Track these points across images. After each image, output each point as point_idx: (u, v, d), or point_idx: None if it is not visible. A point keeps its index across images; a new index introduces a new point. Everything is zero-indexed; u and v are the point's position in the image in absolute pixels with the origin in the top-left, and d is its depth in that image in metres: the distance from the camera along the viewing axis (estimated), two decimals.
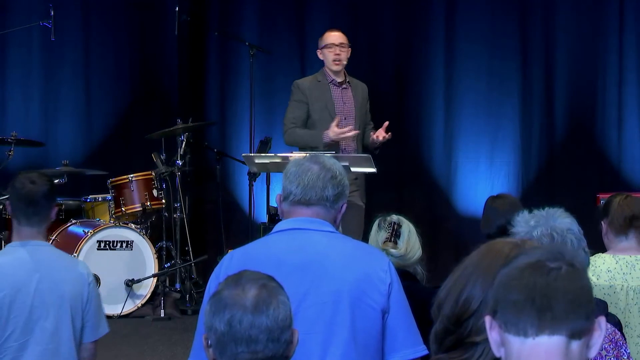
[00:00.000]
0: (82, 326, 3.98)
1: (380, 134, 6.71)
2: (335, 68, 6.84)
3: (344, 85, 6.88)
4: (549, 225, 2.98)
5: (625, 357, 3.06)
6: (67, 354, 3.94)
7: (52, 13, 8.29)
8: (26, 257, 3.97)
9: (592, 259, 4.46)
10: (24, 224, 4.01)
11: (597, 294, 4.36)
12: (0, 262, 4.08)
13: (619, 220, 4.47)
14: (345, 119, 6.77)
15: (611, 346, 3.05)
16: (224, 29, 9.18)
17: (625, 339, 3.64)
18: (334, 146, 6.63)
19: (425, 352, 3.07)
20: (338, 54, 6.82)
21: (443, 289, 2.23)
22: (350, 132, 6.60)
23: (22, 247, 3.99)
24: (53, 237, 7.70)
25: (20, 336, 3.90)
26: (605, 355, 3.04)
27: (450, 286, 2.21)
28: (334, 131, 6.58)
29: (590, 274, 4.39)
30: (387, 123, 6.72)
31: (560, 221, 3.00)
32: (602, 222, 4.55)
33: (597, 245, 5.75)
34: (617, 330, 3.10)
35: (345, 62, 6.86)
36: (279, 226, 3.23)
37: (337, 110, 6.78)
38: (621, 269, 4.41)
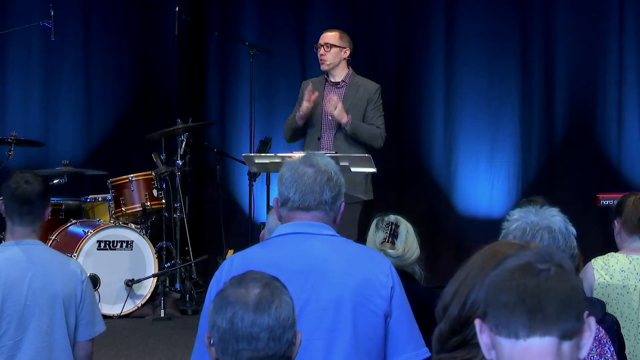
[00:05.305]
0: (76, 324, 3.98)
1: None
2: (321, 68, 6.91)
3: (340, 85, 6.88)
4: (528, 220, 2.95)
5: (608, 355, 3.05)
6: (62, 352, 3.94)
7: (52, 13, 8.28)
8: (19, 255, 3.97)
9: (605, 258, 4.44)
10: (17, 223, 4.02)
11: (611, 293, 4.35)
12: None
13: (632, 220, 4.44)
14: (330, 117, 6.79)
15: (594, 344, 3.03)
16: (224, 29, 9.18)
17: (620, 337, 3.63)
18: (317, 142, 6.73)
19: (428, 354, 3.06)
20: (322, 54, 6.86)
21: (448, 291, 2.22)
22: (313, 95, 6.69)
23: (16, 245, 3.99)
24: (53, 237, 7.71)
25: (14, 335, 3.91)
26: (588, 354, 3.02)
27: (457, 288, 2.19)
28: (302, 105, 6.75)
29: (603, 273, 4.39)
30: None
31: (540, 217, 2.96)
32: (615, 222, 4.52)
33: (597, 245, 5.76)
34: (601, 329, 3.08)
35: (330, 62, 6.84)
36: (278, 230, 3.22)
37: (322, 108, 6.81)
38: (635, 269, 4.38)
